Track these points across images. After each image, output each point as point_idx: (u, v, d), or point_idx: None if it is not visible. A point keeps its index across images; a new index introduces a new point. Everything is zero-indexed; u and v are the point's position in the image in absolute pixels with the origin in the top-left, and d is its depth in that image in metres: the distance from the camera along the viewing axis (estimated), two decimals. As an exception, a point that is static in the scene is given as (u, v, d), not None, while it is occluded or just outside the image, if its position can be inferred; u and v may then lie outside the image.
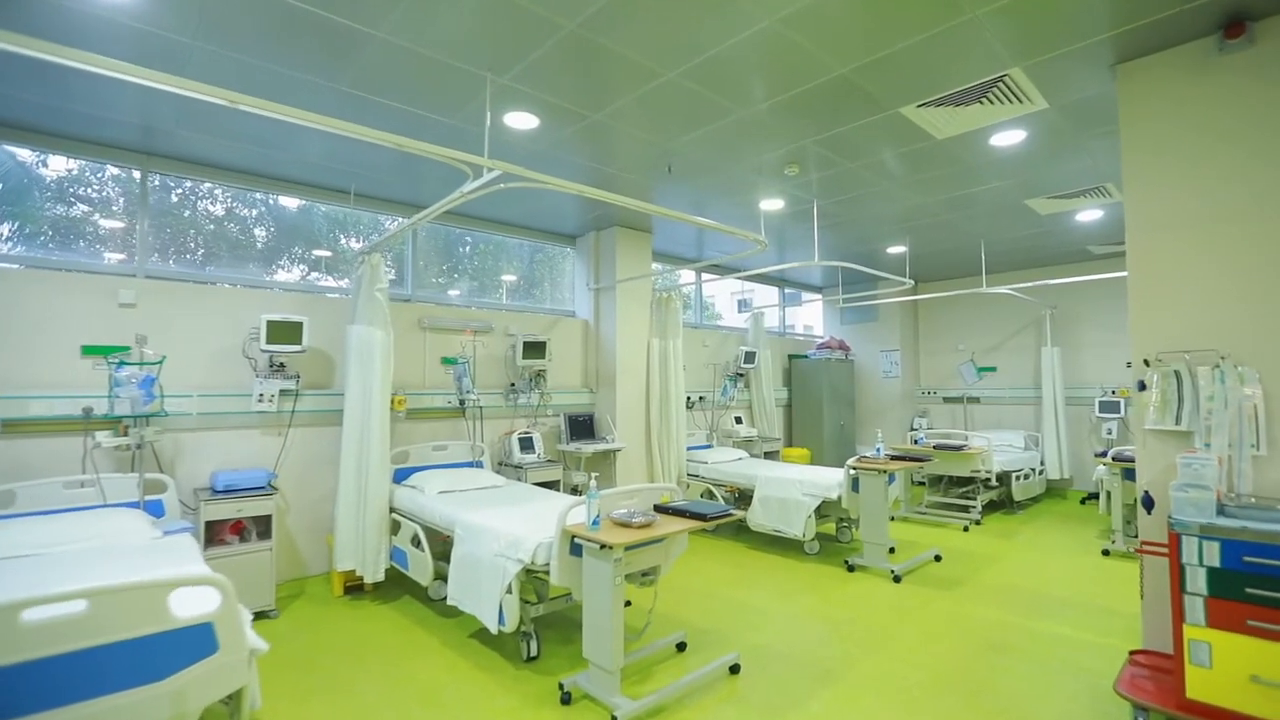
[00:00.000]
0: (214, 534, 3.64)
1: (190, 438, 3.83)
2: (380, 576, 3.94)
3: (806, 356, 7.94)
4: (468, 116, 3.40)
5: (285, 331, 3.92)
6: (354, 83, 3.06)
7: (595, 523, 2.70)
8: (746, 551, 5.13)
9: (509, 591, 2.94)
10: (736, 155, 4.02)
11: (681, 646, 3.27)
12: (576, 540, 2.75)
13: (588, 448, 5.25)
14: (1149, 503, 2.67)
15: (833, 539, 5.44)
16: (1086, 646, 3.26)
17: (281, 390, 4.08)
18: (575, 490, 5.35)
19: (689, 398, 6.60)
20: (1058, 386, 7.13)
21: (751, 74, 3.01)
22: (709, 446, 6.52)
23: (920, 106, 3.35)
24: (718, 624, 3.60)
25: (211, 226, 4.28)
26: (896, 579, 4.31)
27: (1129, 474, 5.02)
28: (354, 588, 4.13)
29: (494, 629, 3.00)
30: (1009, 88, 3.16)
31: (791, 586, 4.25)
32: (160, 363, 3.57)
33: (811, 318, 10.08)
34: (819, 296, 8.87)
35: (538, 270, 6.14)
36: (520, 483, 4.56)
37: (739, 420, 6.92)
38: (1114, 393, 7.01)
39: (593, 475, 2.89)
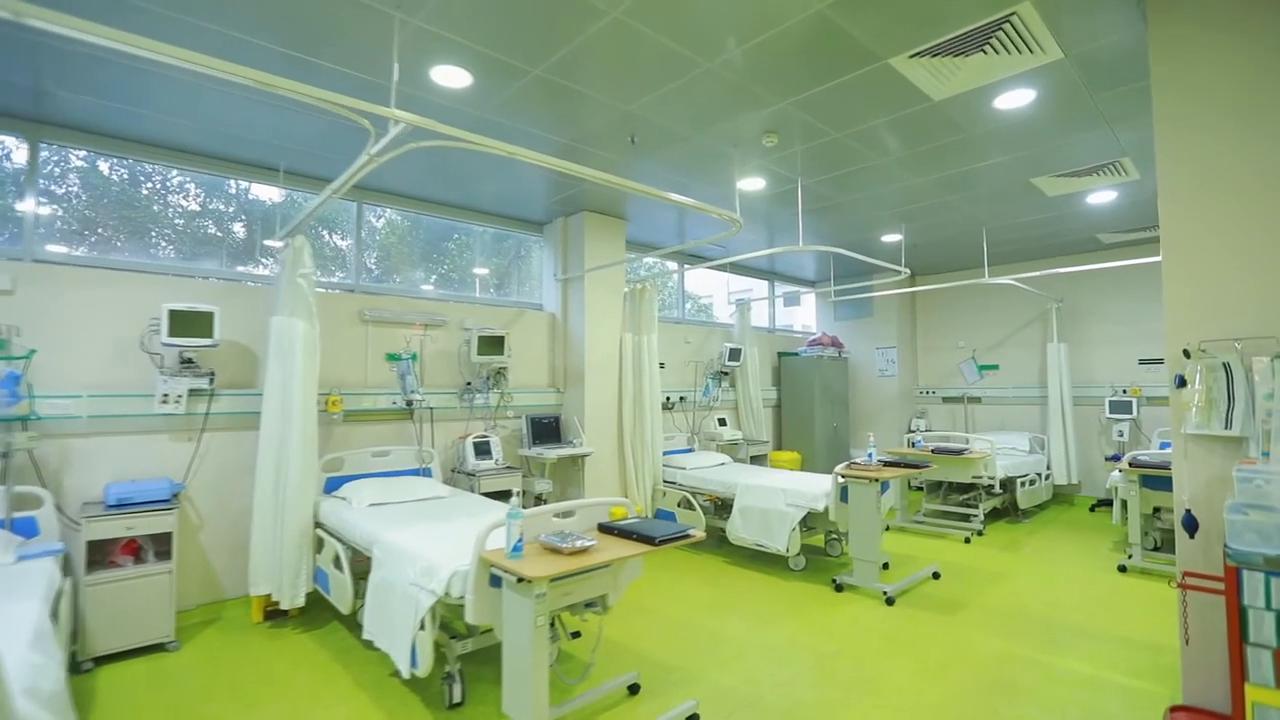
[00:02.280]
0: (103, 555, 3.16)
1: (81, 444, 3.35)
2: (299, 601, 3.46)
3: (797, 354, 7.46)
4: (387, 72, 2.92)
5: (192, 322, 3.44)
6: (240, 24, 2.58)
7: (517, 548, 2.22)
8: (725, 567, 4.65)
9: (422, 628, 2.46)
10: (707, 121, 3.54)
11: (634, 689, 2.79)
12: (494, 570, 2.27)
13: (551, 453, 4.77)
14: (1191, 524, 2.19)
15: (821, 552, 4.96)
16: (1110, 689, 2.77)
17: (192, 390, 3.60)
18: (539, 499, 4.87)
19: (667, 398, 6.12)
20: (1064, 385, 6.65)
21: (713, 11, 2.53)
22: (689, 450, 6.03)
23: (913, 57, 2.87)
24: (681, 659, 3.12)
25: (176, 217, 3.81)
26: (889, 601, 3.83)
27: (1147, 481, 4.55)
28: (278, 612, 3.65)
29: (405, 672, 2.52)
30: (1017, 32, 2.69)
31: (771, 610, 3.76)
32: (27, 357, 3.08)
33: (810, 317, 9.57)
34: (811, 290, 8.39)
35: (520, 266, 5.66)
36: (469, 493, 4.07)
37: (723, 422, 6.44)
38: (1125, 392, 6.54)
39: (516, 491, 2.41)
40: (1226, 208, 2.25)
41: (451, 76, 3.00)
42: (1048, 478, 6.47)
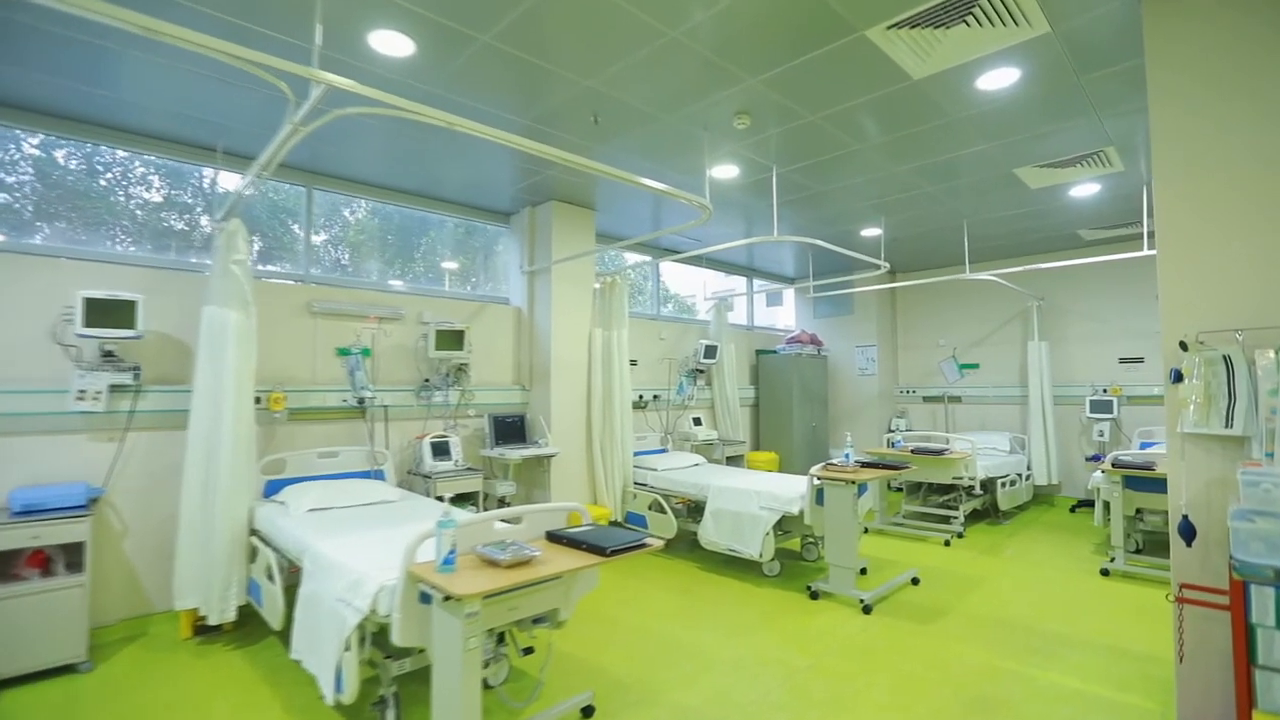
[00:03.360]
0: (5, 568, 2.86)
1: (-16, 445, 3.05)
2: (229, 616, 3.18)
3: (775, 352, 7.27)
4: (321, 37, 2.67)
5: (111, 312, 3.15)
6: (151, -23, 2.32)
7: (448, 561, 1.98)
8: (696, 573, 4.43)
9: (348, 649, 2.21)
10: (674, 100, 3.33)
11: (588, 711, 2.55)
12: (422, 586, 2.03)
13: (514, 453, 4.52)
14: (1188, 531, 2.01)
15: (798, 556, 4.77)
16: (1099, 705, 2.60)
17: (113, 385, 3.30)
18: (502, 502, 4.62)
19: (640, 396, 5.90)
20: (1045, 384, 6.53)
21: (672, -29, 2.31)
22: (663, 451, 5.82)
23: (891, 28, 2.68)
24: (643, 674, 2.89)
25: (114, 200, 3.49)
26: (866, 609, 3.64)
27: (1130, 482, 4.41)
28: (211, 627, 3.36)
29: (329, 698, 2.26)
30: (1002, 0, 2.50)
31: (742, 620, 3.56)
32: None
33: (794, 317, 9.39)
34: (790, 287, 8.22)
35: (488, 262, 5.40)
36: (422, 497, 3.81)
37: (698, 422, 6.23)
38: (1106, 391, 6.44)
39: (447, 497, 2.17)
40: (1225, 189, 2.08)
41: (391, 43, 2.75)
42: (1028, 478, 6.35)
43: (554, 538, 2.37)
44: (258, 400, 3.73)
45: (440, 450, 4.37)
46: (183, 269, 3.76)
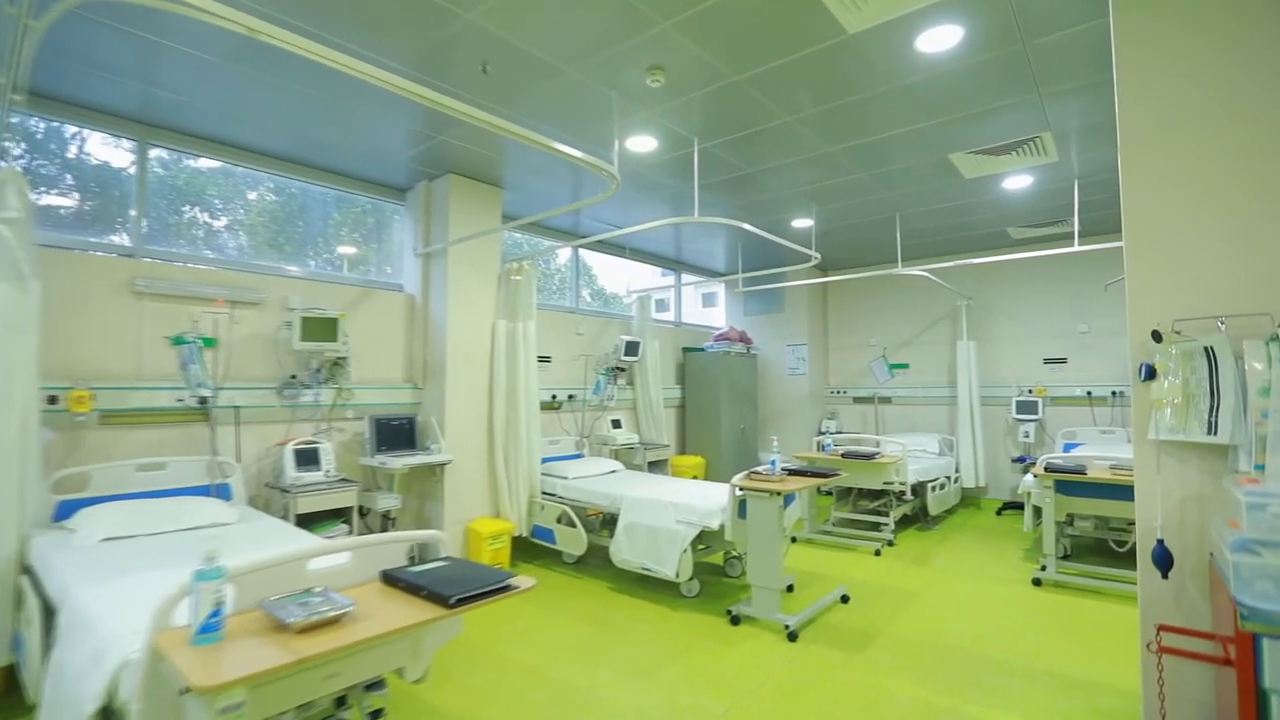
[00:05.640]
0: None
1: None
2: (-19, 681, 2.45)
3: (703, 350, 6.88)
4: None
5: None
6: None
7: (209, 628, 1.40)
8: (608, 594, 3.94)
9: (85, 747, 1.58)
10: (575, 46, 2.82)
11: (442, 797, 2.01)
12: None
13: (399, 461, 3.90)
14: (1164, 560, 1.66)
15: (720, 571, 4.35)
16: (1046, 753, 2.26)
17: None
18: (385, 517, 4.00)
19: (553, 396, 5.36)
20: (973, 385, 6.41)
21: None
22: (578, 456, 5.29)
23: (822, -41, 2.27)
24: (523, 737, 2.37)
25: None
26: (792, 636, 3.24)
27: (1061, 486, 4.21)
28: (-26, 689, 2.60)
29: (60, 815, 1.63)
30: (948, -70, 2.13)
31: (653, 654, 3.08)
32: None
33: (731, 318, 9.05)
34: (720, 280, 7.86)
35: (383, 246, 4.72)
36: (272, 519, 3.15)
37: (617, 424, 5.74)
38: (1031, 392, 6.37)
39: (210, 526, 1.60)
40: (1204, 153, 1.75)
41: (195, -65, 2.12)
42: (956, 480, 6.19)
43: (391, 579, 1.81)
44: (53, 400, 3.00)
45: (307, 459, 3.70)
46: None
